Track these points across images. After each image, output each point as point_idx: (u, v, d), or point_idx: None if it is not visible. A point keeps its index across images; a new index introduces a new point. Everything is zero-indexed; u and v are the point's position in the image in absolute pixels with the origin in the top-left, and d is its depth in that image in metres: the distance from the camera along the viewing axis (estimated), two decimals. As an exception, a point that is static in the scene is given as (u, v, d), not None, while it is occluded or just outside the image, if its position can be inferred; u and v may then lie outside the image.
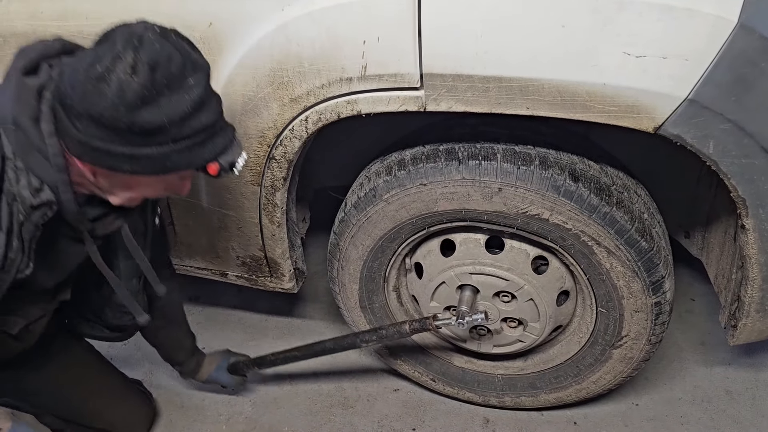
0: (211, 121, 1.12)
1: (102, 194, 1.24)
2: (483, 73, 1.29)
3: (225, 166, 1.18)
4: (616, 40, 1.19)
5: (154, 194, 1.29)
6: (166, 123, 1.05)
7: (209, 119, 1.12)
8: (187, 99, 1.06)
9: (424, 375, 2.02)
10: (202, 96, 1.09)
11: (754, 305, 1.53)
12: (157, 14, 1.44)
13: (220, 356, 2.06)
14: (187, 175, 1.24)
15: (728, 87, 1.18)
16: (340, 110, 1.44)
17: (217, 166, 1.17)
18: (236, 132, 1.23)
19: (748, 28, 1.13)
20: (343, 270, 1.82)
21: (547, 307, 1.68)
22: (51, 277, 1.42)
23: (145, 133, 1.05)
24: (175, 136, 1.08)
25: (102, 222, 1.35)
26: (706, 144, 1.26)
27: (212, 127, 1.13)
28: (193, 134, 1.10)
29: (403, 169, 1.57)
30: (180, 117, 1.06)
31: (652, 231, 1.53)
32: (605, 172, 1.56)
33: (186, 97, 1.06)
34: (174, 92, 1.05)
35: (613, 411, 1.99)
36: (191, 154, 1.12)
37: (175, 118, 1.05)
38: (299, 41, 1.37)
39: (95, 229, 1.34)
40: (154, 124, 1.04)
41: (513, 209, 1.51)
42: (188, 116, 1.07)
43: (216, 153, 1.16)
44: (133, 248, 1.47)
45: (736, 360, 2.11)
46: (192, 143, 1.11)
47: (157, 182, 1.20)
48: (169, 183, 1.23)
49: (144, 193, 1.25)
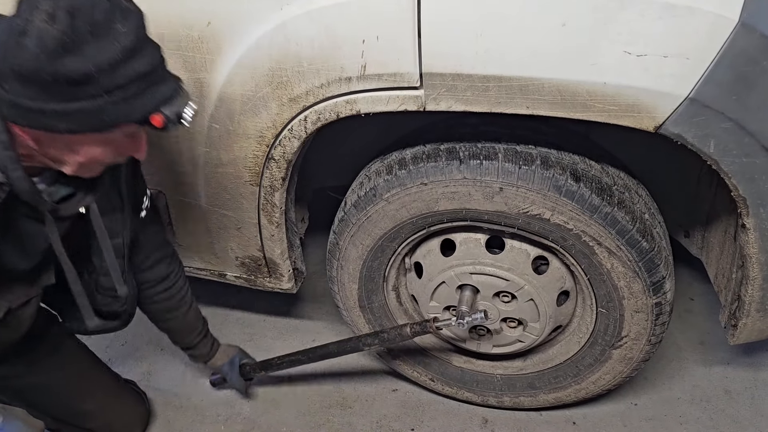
0: (146, 69, 1.07)
1: (54, 165, 1.20)
2: (483, 73, 1.28)
3: (171, 117, 1.12)
4: (616, 38, 1.19)
5: (106, 157, 1.21)
6: (94, 71, 1.00)
7: (144, 67, 1.06)
8: (116, 46, 1.01)
9: (423, 375, 2.02)
10: (134, 42, 1.04)
11: (755, 305, 1.53)
12: (154, 13, 1.43)
13: (235, 351, 2.04)
14: (134, 133, 1.18)
15: (729, 86, 1.18)
16: (340, 110, 1.43)
17: (161, 117, 1.11)
18: (182, 82, 1.18)
19: (749, 27, 1.12)
20: (343, 269, 1.82)
21: (547, 308, 1.67)
22: (23, 259, 1.38)
23: (72, 83, 1.00)
24: (107, 86, 1.03)
25: (69, 203, 1.31)
26: (707, 143, 1.25)
27: (150, 76, 1.08)
28: (127, 83, 1.05)
29: (404, 168, 1.57)
30: (109, 64, 1.01)
31: (653, 231, 1.53)
32: (606, 172, 1.56)
33: (115, 44, 1.01)
34: (100, 39, 1.00)
35: (612, 411, 1.98)
36: (129, 105, 1.07)
37: (103, 65, 1.00)
38: (298, 40, 1.37)
39: (59, 210, 1.30)
40: (80, 73, 0.99)
41: (514, 209, 1.50)
42: (119, 64, 1.02)
43: (158, 103, 1.10)
44: (100, 231, 1.42)
45: (735, 359, 2.11)
46: (128, 93, 1.06)
47: (103, 142, 1.15)
48: (117, 143, 1.17)
49: (93, 157, 1.18)
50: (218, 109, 1.53)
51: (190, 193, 1.76)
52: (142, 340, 2.38)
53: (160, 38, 1.44)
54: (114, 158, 1.23)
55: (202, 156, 1.64)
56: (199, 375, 2.22)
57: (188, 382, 2.20)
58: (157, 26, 1.44)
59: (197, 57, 1.47)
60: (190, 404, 2.12)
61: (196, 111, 1.18)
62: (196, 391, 2.17)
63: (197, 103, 1.52)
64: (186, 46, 1.46)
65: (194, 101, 1.18)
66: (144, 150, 1.25)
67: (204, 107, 1.54)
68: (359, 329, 1.97)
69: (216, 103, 1.52)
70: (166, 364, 2.28)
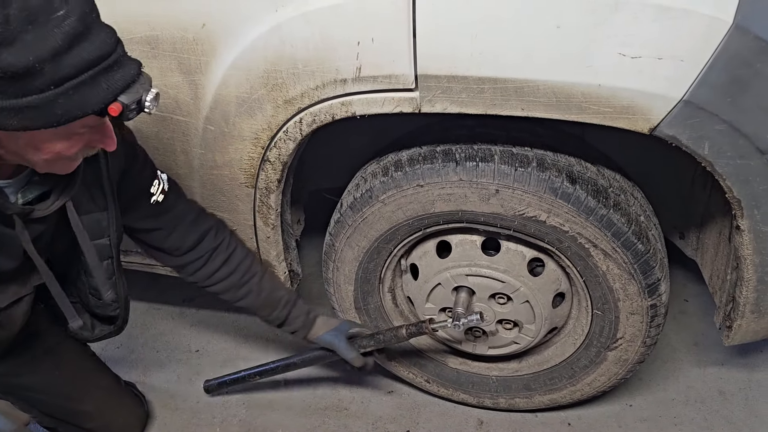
0: (95, 56, 0.99)
1: (25, 163, 1.17)
2: (478, 75, 1.29)
3: (130, 105, 1.05)
4: (611, 41, 1.19)
5: (72, 152, 1.15)
6: (35, 63, 0.93)
7: (93, 53, 0.99)
8: (56, 33, 0.94)
9: (419, 376, 2.02)
10: (78, 28, 0.96)
11: (749, 306, 1.54)
12: (149, 15, 1.45)
13: (338, 321, 1.88)
14: (94, 124, 1.12)
15: (723, 88, 1.18)
16: (335, 112, 1.43)
17: (119, 106, 1.04)
18: (143, 67, 1.10)
19: (743, 29, 1.13)
20: (339, 271, 1.82)
21: (543, 309, 1.67)
22: (7, 260, 1.34)
23: (14, 78, 0.94)
24: (53, 78, 0.96)
25: (44, 203, 1.28)
26: (702, 145, 1.26)
27: (101, 62, 1.01)
28: (76, 73, 0.98)
29: (400, 170, 1.57)
30: (51, 54, 0.94)
31: (648, 233, 1.53)
32: (602, 174, 1.56)
33: (55, 31, 0.94)
34: (39, 27, 0.93)
35: (607, 412, 1.99)
36: (81, 96, 1.00)
37: (44, 56, 0.94)
38: (293, 42, 1.37)
39: (33, 212, 1.27)
40: (21, 66, 0.93)
41: (510, 211, 1.50)
42: (62, 52, 0.95)
43: (114, 91, 1.03)
44: (78, 230, 1.38)
45: (730, 360, 2.11)
46: (78, 83, 0.99)
47: (64, 136, 1.10)
48: (80, 136, 1.12)
49: (58, 152, 1.12)
50: (213, 110, 1.53)
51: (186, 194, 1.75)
52: (137, 343, 2.37)
53: (154, 40, 1.47)
54: (82, 152, 1.19)
55: (197, 158, 1.64)
56: (194, 377, 2.21)
57: (183, 385, 2.19)
58: (151, 28, 1.46)
59: (192, 59, 1.47)
60: (186, 406, 2.12)
61: (158, 96, 1.11)
62: (192, 393, 2.16)
63: (192, 104, 1.54)
64: (181, 47, 1.46)
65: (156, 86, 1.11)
66: (113, 140, 1.19)
67: (199, 109, 1.54)
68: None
69: (211, 105, 1.52)
70: (162, 366, 2.27)
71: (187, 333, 2.41)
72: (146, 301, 2.56)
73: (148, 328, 2.45)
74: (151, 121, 1.61)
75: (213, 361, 2.28)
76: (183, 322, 2.46)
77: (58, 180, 1.28)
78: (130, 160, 1.48)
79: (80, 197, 1.38)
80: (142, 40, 1.46)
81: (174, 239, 1.63)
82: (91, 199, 1.41)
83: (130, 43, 1.45)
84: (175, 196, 1.61)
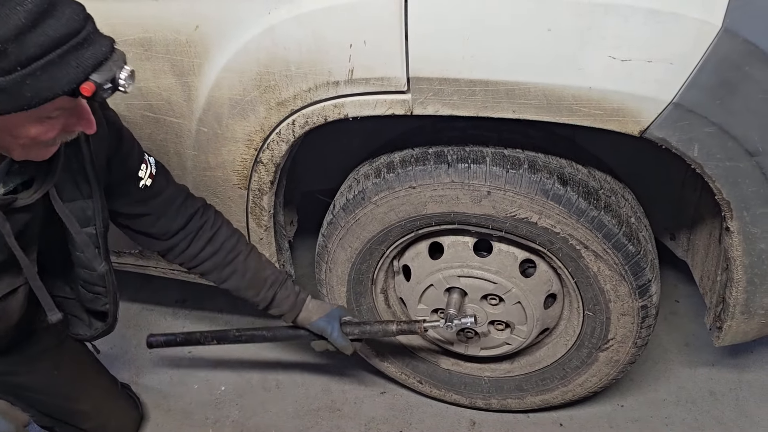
0: (62, 33, 0.96)
1: (1, 151, 1.15)
2: (469, 77, 1.29)
3: (103, 84, 1.01)
4: (601, 43, 1.20)
5: (48, 136, 1.11)
6: None
7: (60, 31, 0.95)
8: (19, 11, 0.91)
9: (411, 377, 2.02)
10: (41, 5, 0.93)
11: (739, 307, 1.55)
12: (142, 17, 1.45)
13: (329, 306, 1.78)
14: (69, 106, 1.09)
15: (713, 90, 1.19)
16: (327, 114, 1.43)
17: (91, 86, 1.00)
18: (115, 43, 1.05)
19: (731, 32, 1.14)
20: (331, 272, 1.82)
21: (535, 310, 1.68)
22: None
23: None
24: (18, 58, 0.93)
25: (27, 191, 1.26)
26: (691, 147, 1.27)
27: (69, 40, 0.97)
28: (42, 53, 0.94)
29: (392, 171, 1.57)
30: (15, 34, 0.91)
31: (639, 235, 1.54)
32: (593, 175, 1.57)
33: (18, 9, 0.91)
34: (0, 7, 0.90)
35: (598, 412, 2.00)
36: (50, 77, 0.97)
37: (7, 36, 0.91)
38: (286, 45, 1.37)
39: (17, 201, 1.24)
40: None
41: (502, 212, 1.51)
42: (26, 31, 0.92)
43: (85, 70, 0.99)
44: (64, 215, 1.34)
45: (720, 361, 2.13)
46: (46, 63, 0.95)
47: (37, 120, 1.06)
48: (56, 119, 1.09)
49: (34, 137, 1.09)
50: (206, 112, 1.53)
51: (178, 196, 1.75)
52: (130, 344, 2.37)
53: (147, 42, 1.47)
54: (60, 137, 1.16)
55: (190, 159, 1.64)
56: (187, 378, 2.21)
57: (176, 386, 2.19)
58: (144, 30, 1.46)
59: (185, 61, 1.47)
60: (178, 407, 2.12)
61: (134, 74, 1.06)
62: (185, 394, 2.16)
63: (185, 106, 1.54)
64: (174, 50, 1.46)
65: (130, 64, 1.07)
66: (92, 123, 1.15)
67: (192, 111, 1.54)
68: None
69: (204, 107, 1.52)
70: (154, 367, 2.27)
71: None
72: (139, 302, 2.56)
73: (141, 329, 2.45)
74: (144, 122, 1.61)
75: (206, 362, 2.27)
76: (176, 323, 2.46)
77: (38, 167, 1.25)
78: (115, 142, 1.43)
79: (63, 184, 1.34)
80: (135, 42, 1.47)
81: (163, 224, 1.58)
82: (75, 186, 1.37)
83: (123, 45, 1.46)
84: (164, 180, 1.57)
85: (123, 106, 1.57)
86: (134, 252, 1.97)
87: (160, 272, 2.04)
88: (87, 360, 1.86)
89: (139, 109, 1.59)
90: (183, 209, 1.59)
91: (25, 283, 1.46)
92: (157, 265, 2.00)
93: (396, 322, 1.72)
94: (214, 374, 2.22)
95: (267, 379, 2.18)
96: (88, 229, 1.43)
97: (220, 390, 2.17)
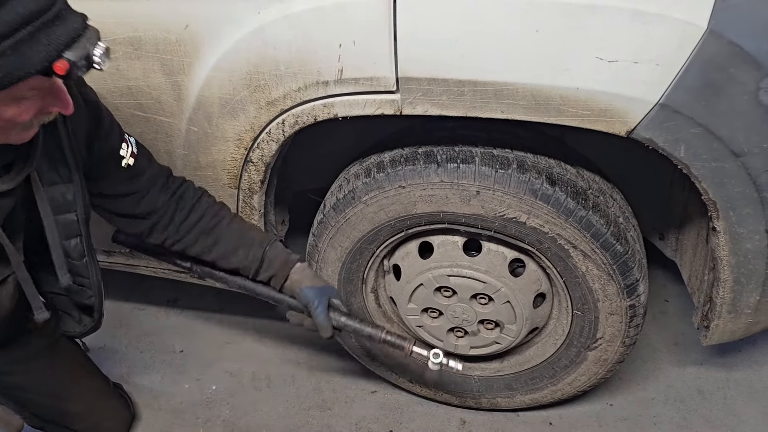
0: (32, 10, 0.93)
1: None
2: (458, 77, 1.30)
3: (77, 62, 0.98)
4: (588, 45, 1.21)
5: (24, 117, 1.09)
6: None
7: (28, 7, 0.93)
8: None
9: (402, 376, 2.03)
10: None
11: (726, 306, 1.56)
12: (132, 16, 1.45)
13: (325, 282, 1.67)
14: (43, 86, 1.06)
15: (698, 92, 1.20)
16: (317, 113, 1.44)
17: (65, 64, 0.97)
18: (88, 19, 1.02)
19: (716, 34, 1.15)
20: (322, 271, 1.82)
21: (524, 310, 1.69)
22: None
23: None
24: None
25: (7, 176, 1.23)
26: (678, 148, 1.28)
27: (39, 17, 0.94)
28: (11, 31, 0.92)
29: (382, 171, 1.58)
30: None
31: (627, 235, 1.55)
32: (581, 176, 1.58)
33: None
34: None
35: (587, 411, 2.01)
36: (21, 55, 0.94)
37: None
38: (275, 44, 1.37)
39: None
40: None
41: (491, 212, 1.52)
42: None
43: (58, 48, 0.97)
44: (41, 202, 1.31)
45: (708, 360, 2.14)
46: (16, 42, 0.93)
47: (12, 100, 1.04)
48: (31, 99, 1.06)
49: (9, 118, 1.07)
50: (196, 111, 1.53)
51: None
52: (121, 343, 2.37)
53: (137, 41, 1.47)
54: (38, 119, 1.14)
55: (181, 159, 1.65)
56: (178, 377, 2.21)
57: (168, 385, 2.19)
58: (134, 29, 1.46)
59: (175, 60, 1.47)
60: (169, 406, 2.12)
61: (109, 51, 1.03)
62: (176, 393, 2.16)
63: (176, 105, 1.55)
64: (164, 49, 1.46)
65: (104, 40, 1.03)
66: (68, 103, 1.11)
67: (182, 110, 1.55)
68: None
69: (194, 106, 1.52)
70: (145, 366, 2.27)
71: (171, 333, 2.41)
72: (131, 302, 2.55)
73: (132, 328, 2.44)
74: (134, 121, 1.61)
75: (197, 361, 2.28)
76: (167, 323, 2.46)
77: (17, 151, 1.22)
78: (94, 122, 1.39)
79: (43, 168, 1.30)
80: (125, 41, 1.47)
81: (146, 202, 1.53)
82: (55, 170, 1.33)
83: (113, 44, 1.47)
84: (146, 160, 1.53)
85: (112, 105, 1.57)
86: (124, 251, 1.96)
87: (151, 271, 2.04)
88: (80, 360, 1.85)
89: (129, 108, 1.59)
90: (166, 187, 1.56)
91: (13, 272, 1.42)
92: (148, 264, 2.00)
93: (386, 332, 1.58)
94: (205, 373, 2.22)
95: (258, 379, 2.18)
96: (69, 215, 1.39)
97: (211, 389, 2.17)
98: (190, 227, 1.58)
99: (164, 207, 1.55)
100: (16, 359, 1.65)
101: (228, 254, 1.61)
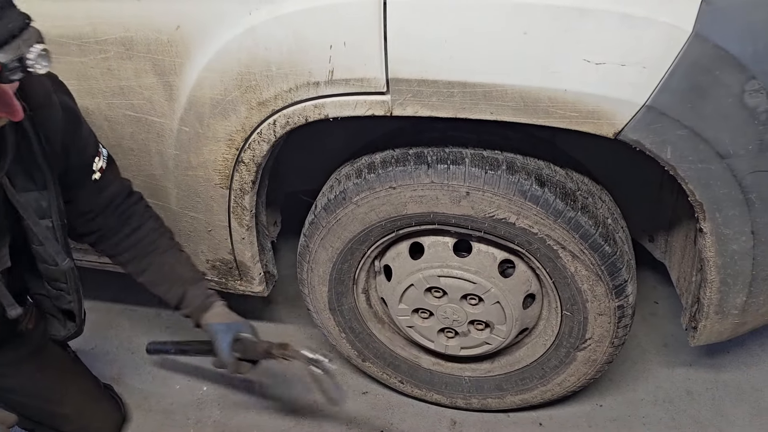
0: None
1: None
2: (448, 79, 1.31)
3: (8, 64, 0.93)
4: (576, 47, 1.22)
5: None
6: None
7: None
8: None
9: (393, 377, 2.04)
10: None
11: (713, 307, 1.57)
12: (123, 16, 1.46)
13: (237, 318, 1.67)
14: None
15: (684, 94, 1.22)
16: (308, 114, 1.45)
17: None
18: (29, 20, 0.97)
19: (702, 37, 1.16)
20: (313, 272, 1.83)
21: (514, 310, 1.70)
22: None
23: None
24: None
25: None
26: (664, 149, 1.29)
27: None
28: None
29: (373, 172, 1.59)
30: None
31: (615, 236, 1.57)
32: (570, 177, 1.59)
33: None
34: None
35: (577, 412, 2.02)
36: None
37: None
38: (267, 45, 1.38)
39: None
40: None
41: (480, 213, 1.53)
42: None
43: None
44: (19, 205, 1.27)
45: (697, 361, 2.15)
46: None
47: None
48: None
49: None
50: (188, 112, 1.54)
51: (160, 196, 1.76)
52: (112, 344, 2.37)
53: (129, 41, 1.47)
54: None
55: (172, 159, 1.65)
56: (169, 379, 2.21)
57: (158, 386, 2.19)
58: (126, 29, 1.46)
59: (166, 60, 1.48)
60: (160, 407, 2.12)
61: (47, 53, 0.98)
62: (166, 394, 2.16)
63: (167, 105, 1.55)
64: (155, 49, 1.47)
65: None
66: (15, 109, 1.06)
67: (173, 110, 1.55)
68: (329, 332, 1.98)
69: (185, 107, 1.53)
70: (136, 367, 2.27)
71: (162, 335, 2.40)
72: (122, 303, 2.55)
73: (123, 329, 2.44)
74: (126, 121, 1.61)
75: (188, 362, 2.27)
76: (158, 324, 2.46)
77: None
78: (72, 127, 1.37)
79: (16, 175, 1.28)
80: (116, 41, 1.47)
81: (96, 224, 1.53)
82: (29, 177, 1.30)
83: (104, 44, 1.47)
84: (112, 176, 1.52)
85: (104, 104, 1.58)
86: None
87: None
88: (70, 363, 1.85)
89: (120, 108, 1.60)
90: (119, 208, 1.55)
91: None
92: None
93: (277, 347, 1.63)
94: (196, 374, 2.22)
95: (249, 380, 2.18)
96: (45, 221, 1.37)
97: (201, 390, 2.17)
98: (127, 247, 1.59)
99: (111, 225, 1.56)
100: (6, 362, 1.64)
101: (154, 284, 1.63)
